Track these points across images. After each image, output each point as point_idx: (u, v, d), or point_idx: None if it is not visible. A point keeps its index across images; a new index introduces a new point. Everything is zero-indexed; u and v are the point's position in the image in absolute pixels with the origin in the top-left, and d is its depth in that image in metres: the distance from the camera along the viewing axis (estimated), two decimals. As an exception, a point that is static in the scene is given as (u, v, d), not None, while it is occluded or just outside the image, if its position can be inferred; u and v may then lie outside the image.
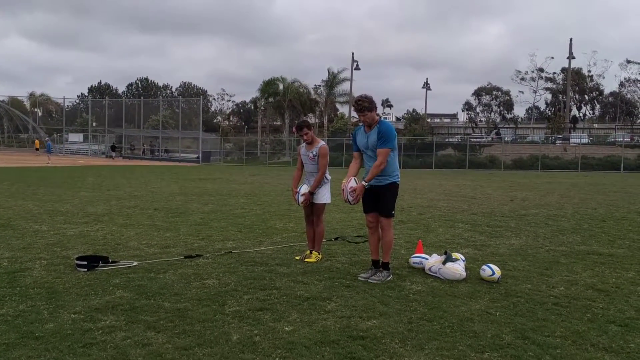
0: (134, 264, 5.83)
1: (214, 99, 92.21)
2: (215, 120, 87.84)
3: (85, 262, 5.59)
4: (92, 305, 4.39)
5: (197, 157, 51.44)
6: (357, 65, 55.40)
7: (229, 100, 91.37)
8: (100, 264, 5.67)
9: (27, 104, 74.56)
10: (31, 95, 72.81)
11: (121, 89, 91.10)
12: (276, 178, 24.92)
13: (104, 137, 58.15)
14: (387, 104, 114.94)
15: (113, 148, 54.45)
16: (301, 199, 6.33)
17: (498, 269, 5.38)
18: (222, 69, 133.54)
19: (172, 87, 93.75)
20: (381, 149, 5.22)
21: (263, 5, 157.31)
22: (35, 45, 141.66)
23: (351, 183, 5.36)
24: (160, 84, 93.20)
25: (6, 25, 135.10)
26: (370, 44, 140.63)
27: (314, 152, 6.27)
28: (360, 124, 5.56)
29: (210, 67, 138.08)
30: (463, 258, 5.75)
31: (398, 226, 9.05)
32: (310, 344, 3.62)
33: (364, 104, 5.21)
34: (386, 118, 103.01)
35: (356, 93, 58.80)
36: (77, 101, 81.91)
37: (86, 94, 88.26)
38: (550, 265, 6.12)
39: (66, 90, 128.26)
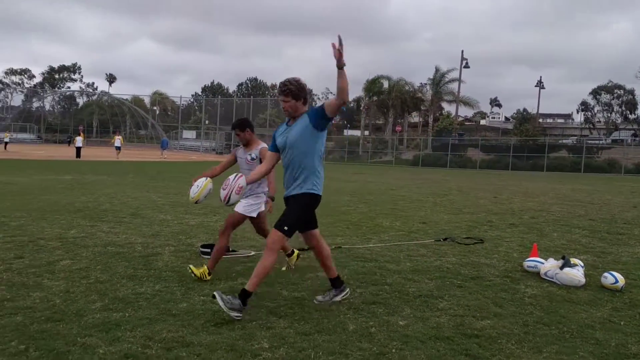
0: (252, 254, 6.21)
1: (319, 98, 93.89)
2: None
3: (209, 250, 6.03)
4: (219, 289, 4.74)
5: (301, 155, 52.60)
6: (467, 63, 53.83)
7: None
8: (222, 252, 6.07)
9: (148, 103, 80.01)
10: (154, 94, 78.04)
11: (232, 88, 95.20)
12: (379, 177, 24.97)
13: (215, 135, 61.16)
14: (495, 103, 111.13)
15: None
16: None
17: (622, 277, 5.13)
18: (330, 68, 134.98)
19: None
20: (330, 99, 4.14)
21: (378, 5, 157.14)
22: (161, 47, 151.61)
23: (240, 181, 4.31)
24: (269, 84, 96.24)
25: (138, 29, 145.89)
26: (483, 42, 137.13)
27: (253, 155, 5.39)
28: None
29: (319, 67, 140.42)
30: (582, 264, 5.53)
31: (509, 229, 8.83)
32: (425, 338, 3.70)
33: (290, 87, 4.17)
34: (494, 118, 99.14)
35: (464, 92, 57.40)
36: (192, 100, 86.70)
37: (200, 93, 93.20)
38: (680, 276, 5.73)
39: (184, 89, 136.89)
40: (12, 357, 3.22)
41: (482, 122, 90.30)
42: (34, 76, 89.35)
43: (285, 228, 4.12)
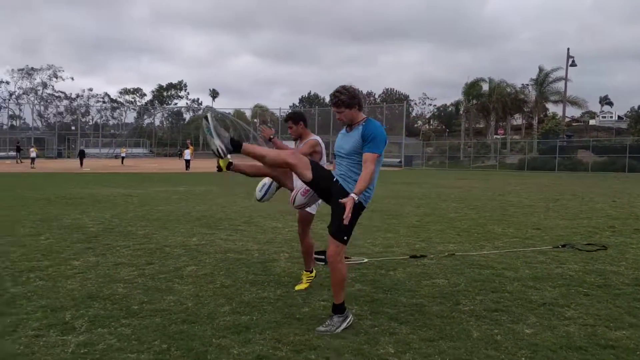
0: (365, 261, 6.27)
1: (415, 103, 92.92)
2: (415, 125, 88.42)
3: (322, 257, 6.16)
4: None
5: (400, 162, 52.26)
6: (573, 61, 50.86)
7: (430, 104, 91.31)
8: (336, 259, 6.20)
9: (249, 115, 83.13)
10: (255, 107, 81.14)
11: (328, 98, 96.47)
12: (483, 182, 24.23)
13: (314, 144, 62.38)
14: (605, 101, 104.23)
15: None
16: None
17: None
18: (426, 73, 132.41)
19: (375, 94, 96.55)
20: (368, 154, 3.92)
21: (474, 7, 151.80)
22: (259, 61, 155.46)
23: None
24: (365, 92, 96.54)
25: (238, 45, 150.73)
26: (590, 38, 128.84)
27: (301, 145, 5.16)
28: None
29: (414, 72, 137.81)
30: None
31: (635, 235, 8.26)
32: (555, 347, 3.57)
33: (341, 97, 4.04)
34: (604, 117, 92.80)
35: (571, 92, 54.31)
36: (290, 111, 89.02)
37: (297, 104, 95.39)
38: None
39: (281, 101, 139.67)
40: (157, 355, 3.49)
41: (592, 122, 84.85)
42: (144, 94, 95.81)
43: (345, 238, 4.02)
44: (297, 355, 3.46)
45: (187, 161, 36.17)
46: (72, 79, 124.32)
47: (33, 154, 38.88)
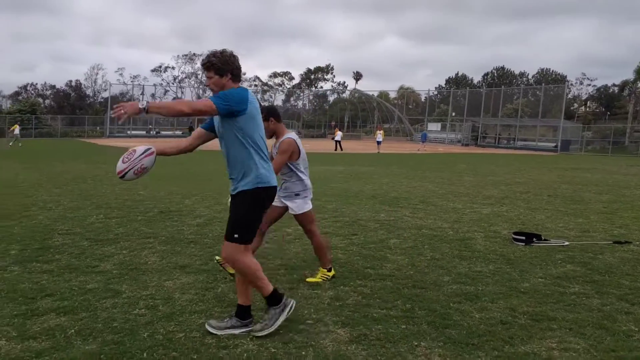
0: (566, 244, 6.25)
1: (572, 84, 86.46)
2: (571, 107, 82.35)
3: (523, 237, 6.27)
4: (551, 273, 4.98)
5: (555, 146, 49.23)
6: None
7: (589, 85, 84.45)
8: (535, 240, 6.27)
9: (393, 97, 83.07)
10: (400, 88, 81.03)
11: (477, 79, 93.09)
12: (660, 170, 22.13)
13: (461, 126, 60.86)
14: None
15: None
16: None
17: None
18: (588, 51, 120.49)
19: (528, 74, 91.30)
20: (206, 100, 3.33)
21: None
22: (405, 42, 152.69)
23: (146, 160, 3.49)
24: (517, 72, 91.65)
25: (384, 27, 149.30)
26: None
27: (277, 148, 4.57)
28: None
29: (574, 50, 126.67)
30: None
31: None
32: None
33: (212, 59, 3.46)
34: None
35: None
36: (435, 92, 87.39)
37: (443, 85, 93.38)
38: None
39: (425, 82, 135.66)
40: (405, 312, 3.91)
41: None
42: (293, 78, 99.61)
43: (236, 236, 3.43)
44: (537, 324, 3.68)
45: (338, 142, 37.27)
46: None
47: (199, 133, 42.53)
